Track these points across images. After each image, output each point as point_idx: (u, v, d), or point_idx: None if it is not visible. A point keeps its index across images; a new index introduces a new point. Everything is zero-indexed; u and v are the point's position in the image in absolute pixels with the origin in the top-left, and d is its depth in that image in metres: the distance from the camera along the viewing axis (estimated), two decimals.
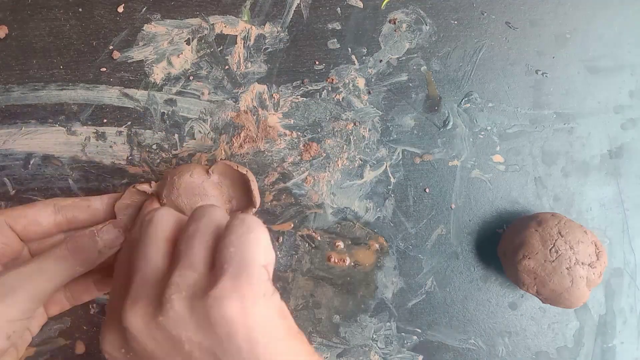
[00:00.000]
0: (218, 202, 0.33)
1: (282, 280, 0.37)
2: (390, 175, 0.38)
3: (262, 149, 0.37)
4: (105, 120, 0.36)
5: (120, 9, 0.36)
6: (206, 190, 0.33)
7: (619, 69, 0.40)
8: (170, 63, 0.36)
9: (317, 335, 0.38)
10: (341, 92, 0.38)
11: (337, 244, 0.38)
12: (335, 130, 0.38)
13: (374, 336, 0.38)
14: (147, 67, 0.36)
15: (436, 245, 0.38)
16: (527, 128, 0.39)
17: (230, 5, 0.37)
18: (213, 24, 0.37)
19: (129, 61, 0.36)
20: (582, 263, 0.33)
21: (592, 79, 0.39)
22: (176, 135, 0.37)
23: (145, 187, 0.33)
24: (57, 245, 0.28)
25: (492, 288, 0.39)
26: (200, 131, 0.37)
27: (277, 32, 0.37)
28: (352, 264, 0.38)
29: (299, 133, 0.37)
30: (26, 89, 0.36)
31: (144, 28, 0.36)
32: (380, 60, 0.38)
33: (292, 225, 0.37)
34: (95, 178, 0.36)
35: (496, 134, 0.39)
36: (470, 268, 0.39)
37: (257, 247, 0.23)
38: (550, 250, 0.33)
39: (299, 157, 0.37)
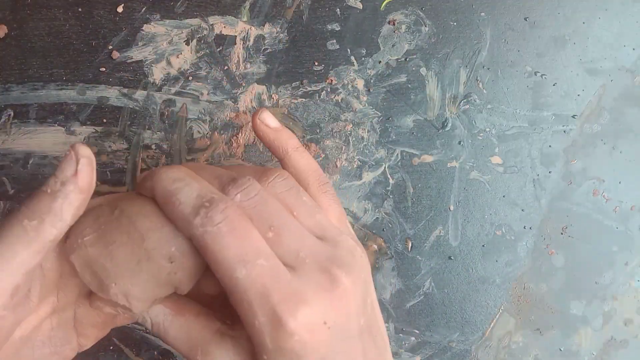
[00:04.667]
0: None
1: None
2: (389, 176, 0.38)
3: (261, 150, 0.37)
4: (104, 120, 0.36)
5: (120, 9, 0.36)
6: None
7: (618, 71, 0.40)
8: (169, 63, 0.36)
9: None
10: (340, 93, 0.38)
11: None
12: (334, 131, 0.38)
13: None
14: (147, 67, 0.36)
15: (434, 246, 0.38)
16: (526, 130, 0.39)
17: (230, 6, 0.37)
18: (212, 24, 0.37)
19: (128, 61, 0.36)
20: None
21: (591, 81, 0.39)
22: (175, 135, 0.37)
23: None
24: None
25: (490, 290, 0.39)
26: (199, 131, 0.37)
27: (277, 33, 0.37)
28: None
29: (298, 134, 0.37)
30: (25, 89, 0.36)
31: (143, 28, 0.36)
32: (380, 62, 0.38)
33: None
34: None
35: (495, 136, 0.39)
36: (469, 269, 0.39)
37: None
38: None
39: None
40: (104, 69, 0.36)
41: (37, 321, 0.25)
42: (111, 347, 0.36)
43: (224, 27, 0.37)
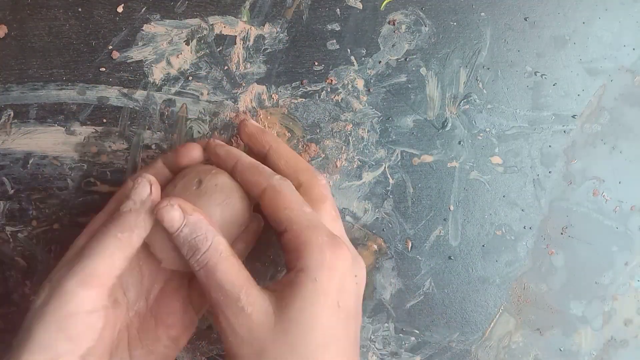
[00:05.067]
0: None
1: None
2: (389, 176, 0.38)
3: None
4: (104, 120, 0.36)
5: (120, 9, 0.36)
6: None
7: (618, 71, 0.40)
8: (169, 63, 0.36)
9: None
10: (340, 93, 0.38)
11: None
12: (334, 131, 0.38)
13: (372, 337, 0.38)
14: (147, 67, 0.36)
15: (434, 246, 0.38)
16: (526, 129, 0.39)
17: (230, 6, 0.37)
18: (212, 24, 0.37)
19: (128, 61, 0.36)
20: None
21: (591, 81, 0.39)
22: (175, 135, 0.37)
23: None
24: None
25: (490, 290, 0.39)
26: (199, 131, 0.37)
27: (277, 33, 0.37)
28: None
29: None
30: (25, 89, 0.36)
31: (143, 28, 0.36)
32: (380, 62, 0.38)
33: None
34: (94, 178, 0.36)
35: (495, 136, 0.39)
36: (469, 269, 0.39)
37: None
38: None
39: None
40: (104, 69, 0.36)
41: (122, 323, 0.30)
42: None
43: (224, 27, 0.37)
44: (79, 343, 0.26)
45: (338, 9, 0.38)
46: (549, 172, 0.39)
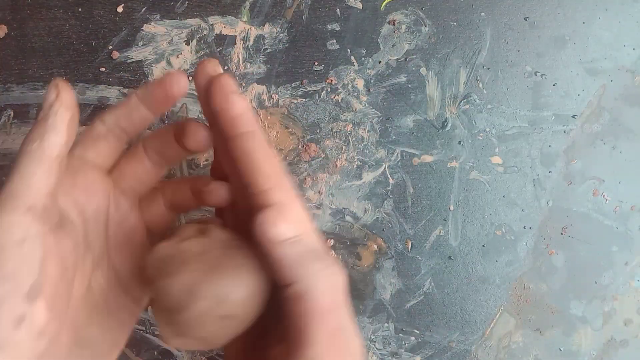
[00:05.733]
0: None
1: None
2: (388, 176, 0.38)
3: None
4: None
5: (120, 9, 0.36)
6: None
7: (618, 71, 0.40)
8: (169, 63, 0.36)
9: None
10: (340, 93, 0.38)
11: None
12: (334, 131, 0.38)
13: (372, 337, 0.38)
14: (147, 67, 0.36)
15: (434, 246, 0.38)
16: (526, 129, 0.39)
17: (230, 6, 0.37)
18: (212, 24, 0.37)
19: (128, 61, 0.36)
20: None
21: (591, 81, 0.39)
22: None
23: None
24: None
25: (490, 290, 0.39)
26: None
27: (277, 33, 0.37)
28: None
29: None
30: (25, 89, 0.36)
31: (143, 28, 0.36)
32: (380, 62, 0.38)
33: None
34: None
35: (495, 136, 0.39)
36: (469, 269, 0.39)
37: None
38: None
39: (297, 158, 0.37)
40: (104, 69, 0.36)
41: (86, 279, 0.26)
42: None
43: (224, 27, 0.37)
44: (18, 280, 0.21)
45: (338, 9, 0.38)
46: (549, 172, 0.39)
